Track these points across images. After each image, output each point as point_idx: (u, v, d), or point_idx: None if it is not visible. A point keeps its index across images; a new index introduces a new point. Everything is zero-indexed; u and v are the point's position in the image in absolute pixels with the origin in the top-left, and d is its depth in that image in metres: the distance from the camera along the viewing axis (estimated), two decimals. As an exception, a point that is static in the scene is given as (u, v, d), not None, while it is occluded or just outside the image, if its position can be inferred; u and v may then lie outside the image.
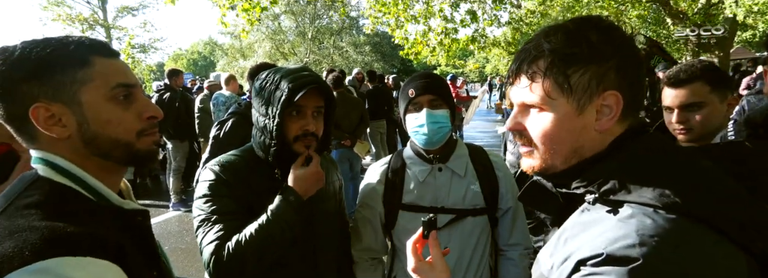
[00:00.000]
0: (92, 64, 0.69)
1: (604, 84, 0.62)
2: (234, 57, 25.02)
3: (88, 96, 0.68)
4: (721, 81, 1.29)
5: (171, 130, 5.16)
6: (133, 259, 0.65)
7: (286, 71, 1.18)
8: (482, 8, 8.09)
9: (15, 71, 0.66)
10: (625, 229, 0.55)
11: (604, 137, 0.65)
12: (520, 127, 0.69)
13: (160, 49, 19.57)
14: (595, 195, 0.61)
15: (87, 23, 16.24)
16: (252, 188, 1.18)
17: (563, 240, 0.63)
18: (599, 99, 0.62)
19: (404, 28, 7.52)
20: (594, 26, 0.63)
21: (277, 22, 23.06)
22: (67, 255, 0.57)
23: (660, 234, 0.53)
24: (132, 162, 0.74)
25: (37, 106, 0.66)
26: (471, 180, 1.38)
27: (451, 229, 1.34)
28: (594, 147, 0.65)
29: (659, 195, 0.56)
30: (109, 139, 0.70)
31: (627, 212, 0.57)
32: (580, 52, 0.62)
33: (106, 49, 0.72)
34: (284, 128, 1.16)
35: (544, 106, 0.65)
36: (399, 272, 1.42)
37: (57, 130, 0.68)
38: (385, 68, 24.25)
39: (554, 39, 0.63)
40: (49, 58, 0.67)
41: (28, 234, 0.57)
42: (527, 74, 0.65)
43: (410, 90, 1.34)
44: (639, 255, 0.52)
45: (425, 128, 1.32)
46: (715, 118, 1.29)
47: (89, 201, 0.68)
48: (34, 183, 0.67)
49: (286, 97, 1.12)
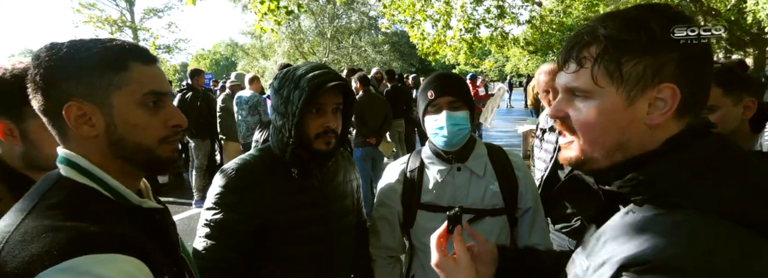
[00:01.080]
0: (129, 70, 0.72)
1: (661, 76, 0.58)
2: (254, 57, 25.45)
3: (120, 99, 0.71)
4: (734, 83, 1.24)
5: (193, 128, 5.27)
6: (153, 256, 0.67)
7: (305, 69, 1.17)
8: (502, 7, 8.00)
9: (59, 68, 0.69)
10: (676, 236, 0.50)
11: (656, 134, 0.60)
12: (562, 113, 0.65)
13: (184, 50, 20.05)
14: (644, 197, 0.57)
15: (116, 25, 16.78)
16: (267, 189, 1.18)
17: (603, 241, 0.59)
18: (653, 91, 0.58)
19: (421, 29, 7.49)
20: (658, 14, 0.59)
21: (296, 21, 23.33)
22: (94, 252, 0.59)
23: (715, 245, 0.48)
24: (150, 168, 0.77)
25: (71, 104, 0.69)
26: (490, 180, 1.37)
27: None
28: (643, 144, 0.60)
29: (721, 201, 0.51)
30: (134, 142, 0.73)
31: (680, 218, 0.52)
32: (638, 41, 0.58)
33: (145, 56, 0.75)
34: (304, 126, 1.17)
35: (589, 94, 0.62)
36: (417, 271, 1.42)
37: (86, 129, 0.71)
38: (404, 67, 24.23)
39: (611, 24, 0.59)
40: (91, 59, 0.70)
41: (55, 235, 0.60)
42: (576, 59, 0.62)
43: (430, 91, 1.33)
44: (688, 265, 0.48)
45: (445, 130, 1.31)
46: (728, 122, 1.25)
47: (109, 201, 0.71)
48: (56, 183, 0.70)
49: (306, 95, 1.12)
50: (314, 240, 1.24)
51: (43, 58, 0.69)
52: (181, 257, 0.83)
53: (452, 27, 7.54)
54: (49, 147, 0.76)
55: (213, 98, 5.72)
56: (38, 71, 0.69)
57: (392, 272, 1.45)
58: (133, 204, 0.73)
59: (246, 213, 1.16)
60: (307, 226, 1.23)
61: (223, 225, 1.15)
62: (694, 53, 0.58)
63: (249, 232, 1.17)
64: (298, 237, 1.21)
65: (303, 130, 1.17)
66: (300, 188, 1.23)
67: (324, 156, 1.23)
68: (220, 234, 1.15)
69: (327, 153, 1.21)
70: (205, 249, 1.15)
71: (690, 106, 0.60)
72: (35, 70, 0.70)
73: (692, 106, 0.60)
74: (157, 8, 18.43)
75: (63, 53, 0.69)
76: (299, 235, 1.22)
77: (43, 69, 0.69)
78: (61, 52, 0.70)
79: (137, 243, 0.65)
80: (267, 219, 1.18)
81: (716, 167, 0.55)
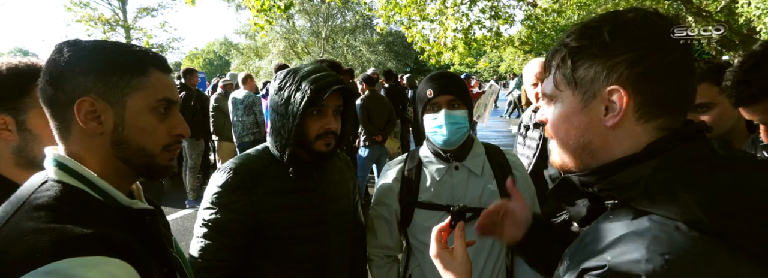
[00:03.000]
0: (149, 75, 0.74)
1: (611, 79, 0.60)
2: (249, 56, 25.33)
3: (134, 102, 0.72)
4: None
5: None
6: (142, 257, 0.67)
7: (306, 71, 1.18)
8: (496, 7, 8.03)
9: (78, 62, 0.70)
10: (637, 242, 0.52)
11: (619, 135, 0.61)
12: (544, 117, 0.69)
13: (178, 49, 19.91)
14: (615, 201, 0.59)
15: (109, 24, 16.62)
16: (264, 189, 1.18)
17: (584, 243, 0.61)
18: (605, 94, 0.60)
19: (419, 28, 7.50)
20: (610, 20, 0.61)
21: (291, 21, 23.27)
22: (79, 255, 0.58)
23: (673, 252, 0.49)
24: (147, 173, 0.77)
25: (85, 100, 0.70)
26: (488, 179, 1.37)
27: (468, 228, 1.33)
28: (609, 146, 0.62)
29: (685, 210, 0.51)
30: (138, 146, 0.74)
31: (644, 224, 0.53)
32: (588, 45, 0.61)
33: (164, 65, 0.77)
34: (305, 127, 1.17)
35: (554, 98, 0.66)
36: (414, 270, 1.42)
37: (93, 126, 0.71)
38: (399, 67, 24.24)
39: (572, 33, 0.64)
40: (115, 59, 0.72)
41: (39, 237, 0.58)
42: (548, 67, 0.68)
43: (428, 90, 1.34)
44: (643, 272, 0.48)
45: (444, 129, 1.32)
46: (725, 120, 1.26)
47: (98, 202, 0.70)
48: (44, 184, 0.69)
49: (309, 99, 1.12)
50: (311, 240, 1.24)
51: (66, 50, 0.70)
52: (174, 257, 0.82)
53: (447, 27, 7.56)
54: (48, 139, 0.76)
55: (206, 97, 5.69)
56: (58, 62, 0.70)
57: (389, 272, 1.45)
58: (122, 206, 0.73)
59: (243, 212, 1.15)
60: (304, 227, 1.23)
61: (221, 225, 1.15)
62: (650, 55, 0.59)
63: (246, 232, 1.17)
64: (295, 237, 1.22)
65: (304, 131, 1.17)
66: (297, 188, 1.23)
67: (324, 157, 1.24)
68: (217, 235, 1.14)
69: (327, 154, 1.22)
70: (202, 249, 1.14)
71: (658, 107, 0.60)
72: (55, 62, 0.70)
73: (662, 108, 0.60)
74: (151, 7, 18.27)
75: (87, 50, 0.71)
76: (296, 235, 1.22)
77: (65, 61, 0.69)
78: (86, 48, 0.71)
79: (124, 245, 0.64)
80: (264, 219, 1.18)
81: (689, 174, 0.54)
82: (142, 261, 0.66)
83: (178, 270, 0.82)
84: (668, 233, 0.51)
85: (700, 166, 0.55)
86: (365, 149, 4.66)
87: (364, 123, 4.60)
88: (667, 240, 0.50)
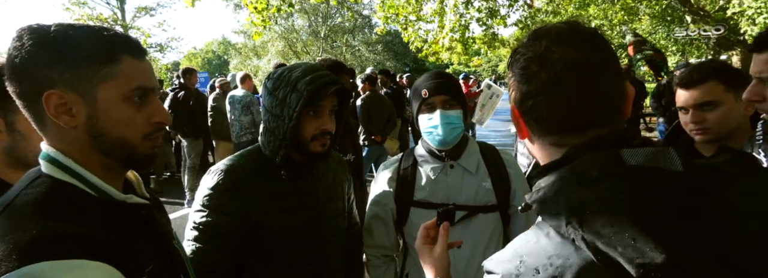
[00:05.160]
0: (119, 62, 0.68)
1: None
2: (247, 56, 25.27)
3: (105, 93, 0.67)
4: (735, 80, 1.26)
5: (186, 128, 5.24)
6: (131, 255, 0.65)
7: (301, 71, 1.15)
8: (492, 9, 8.04)
9: (42, 53, 0.64)
10: (513, 244, 0.58)
11: (537, 147, 0.66)
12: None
13: (176, 48, 19.88)
14: (521, 206, 0.64)
15: (107, 23, 16.59)
16: (255, 191, 1.16)
17: None
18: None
19: (415, 32, 7.51)
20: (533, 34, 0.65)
21: (290, 20, 23.23)
22: (58, 258, 0.56)
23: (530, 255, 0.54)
24: (130, 164, 0.74)
25: (52, 93, 0.65)
26: (483, 177, 1.38)
27: (464, 226, 1.35)
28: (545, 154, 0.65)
29: (558, 217, 0.53)
30: (116, 137, 0.70)
31: (532, 231, 0.59)
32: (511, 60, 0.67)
33: (136, 49, 0.71)
34: (301, 128, 1.16)
35: None
36: (411, 269, 1.43)
37: (65, 119, 0.67)
38: (398, 67, 24.22)
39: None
40: (80, 48, 0.66)
41: (20, 236, 0.57)
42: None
43: (423, 90, 1.34)
44: (502, 271, 0.54)
45: (439, 129, 1.32)
46: (732, 118, 1.26)
47: (90, 198, 0.68)
48: (35, 180, 0.67)
49: (305, 99, 1.10)
50: (306, 242, 1.23)
51: (27, 40, 0.64)
52: (175, 249, 0.81)
53: (445, 26, 7.56)
54: (38, 139, 0.73)
55: (205, 97, 5.69)
56: (19, 53, 0.64)
57: (386, 272, 1.46)
58: (116, 201, 0.70)
59: (234, 215, 1.14)
60: (298, 229, 1.21)
61: (212, 227, 1.13)
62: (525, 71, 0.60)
63: (238, 234, 1.15)
64: (289, 239, 1.20)
65: (299, 132, 1.16)
66: (289, 190, 1.21)
67: (318, 158, 1.22)
68: (208, 237, 1.13)
69: (322, 154, 1.21)
70: (193, 252, 1.13)
71: (556, 121, 0.59)
72: (15, 52, 0.64)
73: (562, 121, 0.59)
74: (149, 6, 18.24)
75: (50, 38, 0.64)
76: (290, 237, 1.20)
77: (25, 51, 0.64)
78: (48, 35, 0.65)
79: (110, 247, 0.62)
80: (256, 221, 1.16)
81: (571, 184, 0.54)
82: (133, 260, 0.64)
83: (179, 264, 0.81)
84: (538, 238, 0.56)
85: (584, 177, 0.54)
86: (364, 149, 4.64)
87: (364, 123, 4.58)
88: (534, 245, 0.55)
